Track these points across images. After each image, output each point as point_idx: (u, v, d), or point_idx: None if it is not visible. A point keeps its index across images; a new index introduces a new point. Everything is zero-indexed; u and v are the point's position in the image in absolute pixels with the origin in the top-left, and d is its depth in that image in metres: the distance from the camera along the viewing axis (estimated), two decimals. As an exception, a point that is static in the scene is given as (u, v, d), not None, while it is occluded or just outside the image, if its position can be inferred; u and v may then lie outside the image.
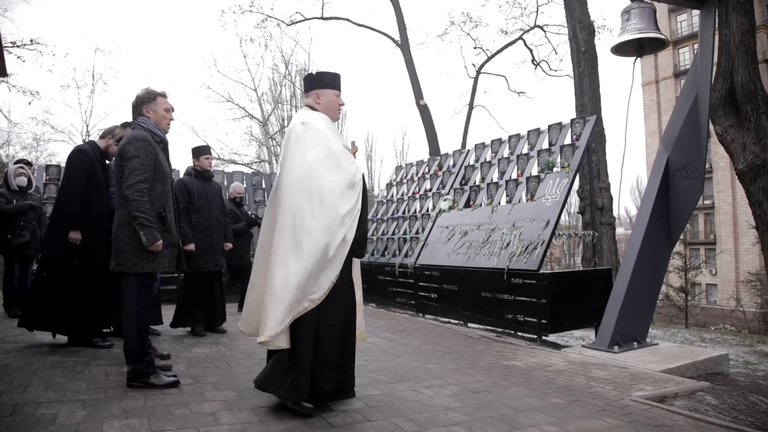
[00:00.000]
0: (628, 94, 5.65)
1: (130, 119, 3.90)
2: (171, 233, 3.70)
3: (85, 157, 4.68)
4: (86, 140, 7.34)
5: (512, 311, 6.23)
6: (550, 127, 7.43)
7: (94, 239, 4.62)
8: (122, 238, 3.52)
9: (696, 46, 7.30)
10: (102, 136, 4.87)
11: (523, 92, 24.36)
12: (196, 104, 61.79)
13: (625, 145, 5.71)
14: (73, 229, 4.57)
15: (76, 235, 4.58)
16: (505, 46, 20.93)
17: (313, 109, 3.46)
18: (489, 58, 21.53)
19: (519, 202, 7.00)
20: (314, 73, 3.56)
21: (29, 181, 6.57)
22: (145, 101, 3.72)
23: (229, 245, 6.27)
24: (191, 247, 5.56)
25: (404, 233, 9.03)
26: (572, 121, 7.17)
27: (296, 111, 27.47)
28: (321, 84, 3.49)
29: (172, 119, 3.88)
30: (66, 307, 4.62)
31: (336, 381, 3.23)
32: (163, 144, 3.78)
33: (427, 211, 8.91)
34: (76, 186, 4.61)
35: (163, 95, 3.80)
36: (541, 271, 6.01)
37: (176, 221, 3.92)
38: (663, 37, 5.24)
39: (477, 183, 8.14)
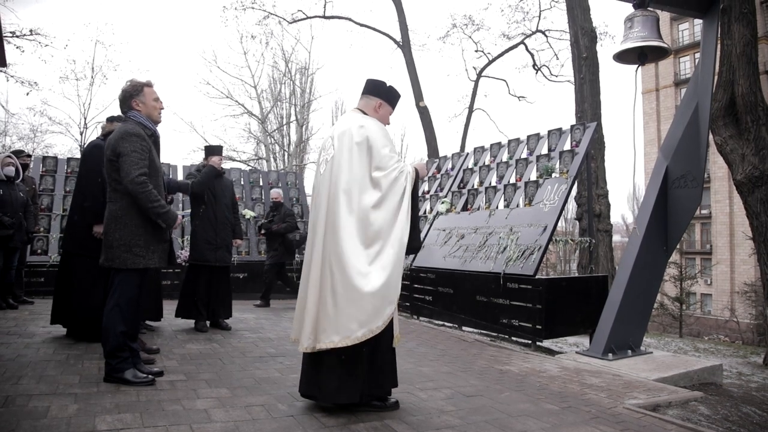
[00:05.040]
0: (633, 102, 5.65)
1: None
2: (162, 229, 3.67)
3: (101, 153, 4.64)
4: (83, 131, 7.27)
5: (507, 316, 6.22)
6: (549, 132, 7.44)
7: None
8: (113, 233, 3.50)
9: (697, 55, 7.29)
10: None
11: (523, 97, 24.23)
12: (195, 100, 61.71)
13: (634, 153, 5.72)
14: (96, 223, 4.49)
15: (99, 228, 4.50)
16: (507, 50, 21.01)
17: (364, 113, 3.41)
18: (490, 62, 21.59)
19: (517, 206, 7.00)
20: (388, 84, 3.50)
21: (17, 171, 6.44)
22: (133, 94, 3.66)
23: (239, 242, 6.36)
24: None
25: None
26: (572, 127, 7.18)
27: (295, 109, 27.73)
28: (389, 98, 3.49)
29: (162, 108, 3.85)
30: (88, 301, 4.52)
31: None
32: (154, 137, 3.74)
33: (425, 213, 8.90)
34: (96, 180, 4.55)
35: (149, 85, 3.74)
36: (537, 277, 6.01)
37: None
38: (666, 45, 5.23)
39: (475, 186, 8.14)
